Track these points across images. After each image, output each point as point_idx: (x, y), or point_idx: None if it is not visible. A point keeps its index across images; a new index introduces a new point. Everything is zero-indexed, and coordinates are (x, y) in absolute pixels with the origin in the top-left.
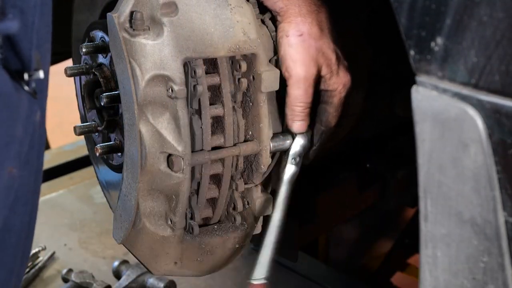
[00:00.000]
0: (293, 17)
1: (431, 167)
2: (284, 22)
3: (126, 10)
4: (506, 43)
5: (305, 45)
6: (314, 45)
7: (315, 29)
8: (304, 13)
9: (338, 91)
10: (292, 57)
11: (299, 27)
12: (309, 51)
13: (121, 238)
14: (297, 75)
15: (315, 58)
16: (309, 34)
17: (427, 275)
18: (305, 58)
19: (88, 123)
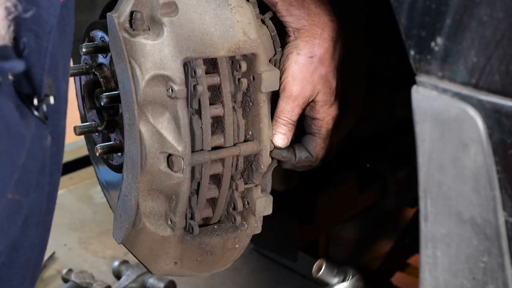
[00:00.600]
0: (311, 38)
1: (431, 167)
2: (301, 40)
3: (126, 10)
4: (506, 43)
5: (311, 67)
6: (320, 70)
7: (328, 55)
8: (325, 37)
9: (325, 122)
10: (294, 74)
11: (314, 49)
12: (312, 74)
13: (121, 238)
14: (290, 91)
15: (315, 82)
16: (320, 59)
17: (427, 275)
18: (304, 80)
19: (88, 123)
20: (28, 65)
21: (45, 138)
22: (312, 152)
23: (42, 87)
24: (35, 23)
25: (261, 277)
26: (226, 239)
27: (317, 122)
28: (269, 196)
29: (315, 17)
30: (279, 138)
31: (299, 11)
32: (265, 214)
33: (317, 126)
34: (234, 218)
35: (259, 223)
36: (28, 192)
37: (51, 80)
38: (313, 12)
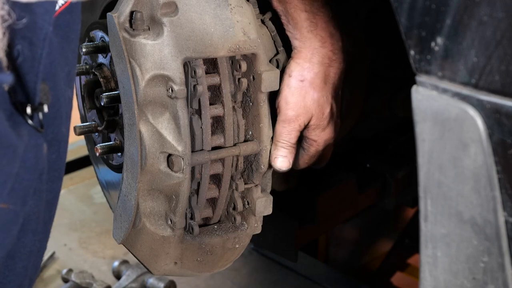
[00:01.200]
0: (302, 61)
1: (431, 167)
2: (294, 61)
3: (126, 10)
4: (506, 43)
5: (302, 92)
6: (312, 95)
7: (318, 80)
8: (314, 62)
9: (316, 143)
10: (287, 98)
11: (304, 72)
12: (304, 98)
13: (121, 238)
14: (285, 115)
15: (308, 107)
16: (310, 83)
17: (427, 275)
18: (297, 104)
19: (88, 123)
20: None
21: (41, 147)
22: (295, 161)
23: (36, 95)
24: (30, 31)
25: (261, 277)
26: (226, 239)
27: (308, 141)
28: (269, 196)
29: (306, 41)
30: (280, 161)
31: (294, 31)
32: (265, 214)
33: (307, 144)
34: (234, 218)
35: (259, 223)
36: (24, 201)
37: (47, 88)
38: (304, 36)
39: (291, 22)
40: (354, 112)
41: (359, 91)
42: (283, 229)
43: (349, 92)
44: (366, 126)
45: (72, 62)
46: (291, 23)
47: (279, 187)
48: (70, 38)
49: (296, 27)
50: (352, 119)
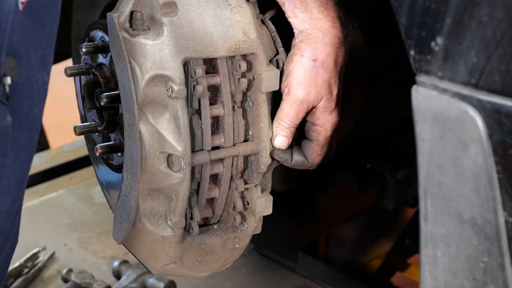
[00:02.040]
0: (313, 41)
1: (431, 167)
2: (304, 42)
3: (126, 10)
4: (506, 43)
5: (314, 71)
6: (323, 75)
7: (329, 60)
8: (326, 42)
9: (324, 129)
10: (298, 77)
11: (316, 52)
12: (316, 78)
13: (121, 238)
14: (295, 95)
15: (319, 87)
16: (322, 63)
17: (427, 275)
18: (309, 84)
19: (88, 123)
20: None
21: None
22: (308, 157)
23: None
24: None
25: (261, 277)
26: (226, 239)
27: (316, 129)
28: (269, 196)
29: (317, 21)
30: (280, 140)
31: (303, 14)
32: (265, 214)
33: (315, 132)
34: (234, 218)
35: (259, 223)
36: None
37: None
38: (315, 16)
39: (299, 6)
40: (354, 111)
41: (359, 91)
42: (283, 229)
43: (349, 91)
44: (366, 126)
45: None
46: (299, 7)
47: (279, 187)
48: (45, 22)
49: (306, 9)
50: (353, 118)
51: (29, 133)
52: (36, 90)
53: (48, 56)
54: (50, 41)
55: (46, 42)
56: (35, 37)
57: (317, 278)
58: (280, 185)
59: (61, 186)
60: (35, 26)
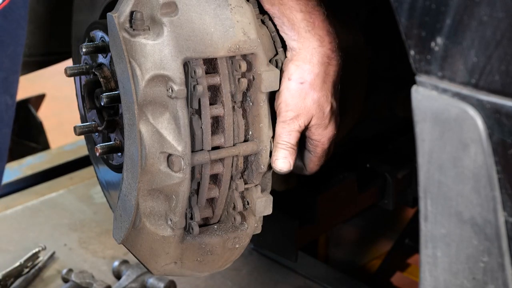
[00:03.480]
0: (302, 62)
1: (431, 167)
2: (292, 63)
3: (126, 10)
4: (506, 43)
5: (302, 93)
6: (312, 96)
7: (319, 81)
8: (314, 63)
9: (321, 143)
10: (287, 101)
11: (304, 74)
12: (304, 100)
13: (121, 238)
14: (284, 117)
15: (309, 108)
16: (311, 84)
17: (427, 275)
18: (297, 105)
19: (88, 123)
20: None
21: None
22: (306, 166)
23: None
24: None
25: (261, 277)
26: (226, 239)
27: (313, 142)
28: (269, 196)
29: (304, 41)
30: (281, 163)
31: (291, 32)
32: (265, 214)
33: (313, 145)
34: (234, 218)
35: (259, 223)
36: None
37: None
38: (302, 36)
39: (286, 23)
40: (354, 112)
41: (359, 91)
42: (283, 229)
43: (349, 91)
44: (366, 126)
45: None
46: (287, 25)
47: (279, 187)
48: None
49: (293, 28)
50: (352, 119)
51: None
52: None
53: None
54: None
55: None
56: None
57: (317, 278)
58: (280, 185)
59: (61, 186)
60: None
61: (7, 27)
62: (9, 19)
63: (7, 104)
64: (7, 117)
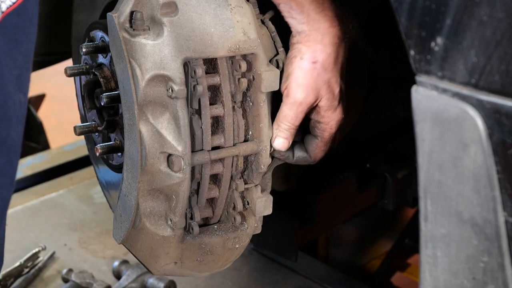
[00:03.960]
0: (313, 43)
1: (431, 167)
2: (303, 44)
3: (126, 10)
4: (506, 43)
5: (314, 73)
6: (323, 76)
7: (330, 60)
8: (326, 43)
9: (329, 126)
10: (297, 80)
11: (316, 54)
12: (316, 80)
13: (121, 238)
14: (294, 98)
15: (319, 88)
16: (323, 65)
17: (427, 275)
18: (309, 86)
19: (88, 123)
20: None
21: None
22: (311, 153)
23: None
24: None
25: (261, 277)
26: (226, 239)
27: (321, 126)
28: (269, 196)
29: (314, 23)
30: (280, 142)
31: (300, 16)
32: (265, 214)
33: (320, 129)
34: (234, 218)
35: (259, 223)
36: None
37: None
38: (312, 18)
39: (294, 7)
40: (354, 112)
41: (359, 91)
42: (283, 229)
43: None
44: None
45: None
46: (295, 9)
47: (279, 187)
48: (19, 40)
49: (302, 11)
50: (353, 118)
51: (7, 158)
52: (14, 113)
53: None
54: (26, 60)
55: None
56: (10, 58)
57: (317, 278)
58: (280, 185)
59: (61, 186)
60: (10, 46)
61: (21, 25)
62: (23, 17)
63: (20, 101)
64: (20, 115)
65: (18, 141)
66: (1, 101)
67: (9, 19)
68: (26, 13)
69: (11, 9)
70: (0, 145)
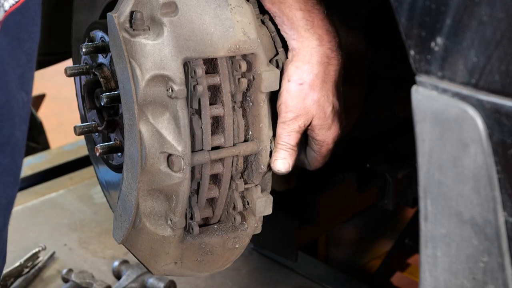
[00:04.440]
0: (301, 63)
1: (431, 167)
2: (292, 64)
3: (126, 10)
4: (506, 43)
5: (302, 94)
6: (312, 96)
7: (318, 81)
8: (313, 63)
9: (326, 143)
10: (286, 102)
11: (303, 75)
12: (304, 100)
13: (121, 238)
14: (284, 118)
15: (308, 108)
16: (310, 85)
17: (427, 275)
18: (296, 107)
19: (88, 123)
20: None
21: None
22: (310, 163)
23: None
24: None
25: (261, 277)
26: (226, 239)
27: (317, 143)
28: (269, 196)
29: (304, 41)
30: (279, 163)
31: (291, 31)
32: (265, 214)
33: (317, 145)
34: (234, 218)
35: (259, 223)
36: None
37: None
38: (302, 35)
39: (286, 22)
40: (354, 112)
41: (359, 91)
42: (283, 229)
43: (349, 91)
44: (366, 126)
45: (26, 65)
46: (287, 24)
47: (279, 187)
48: (22, 39)
49: (292, 27)
50: (353, 118)
51: (11, 157)
52: (17, 112)
53: (27, 74)
54: (29, 59)
55: (25, 60)
56: (13, 56)
57: (317, 278)
58: (280, 185)
59: (61, 186)
60: (13, 45)
61: (24, 24)
62: (26, 15)
63: (23, 100)
64: (24, 114)
65: (22, 140)
66: (4, 100)
67: (12, 18)
68: (29, 12)
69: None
70: (4, 144)
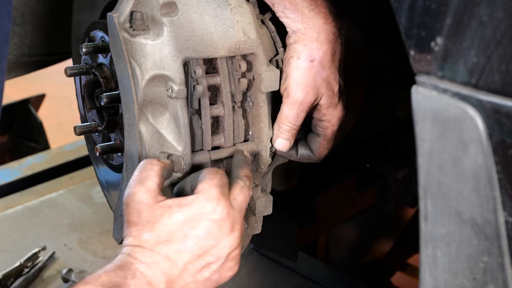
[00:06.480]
0: (309, 41)
1: (431, 167)
2: (299, 43)
3: (126, 10)
4: (506, 43)
5: (312, 72)
6: (321, 74)
7: (327, 58)
8: (322, 40)
9: (331, 123)
10: (296, 80)
11: (312, 52)
12: (314, 78)
13: (121, 238)
14: (294, 98)
15: (318, 86)
16: (320, 62)
17: (427, 275)
18: (308, 85)
19: (88, 123)
20: None
21: None
22: (315, 151)
23: None
24: None
25: (261, 277)
26: None
27: (323, 124)
28: (269, 196)
29: (309, 21)
30: (281, 143)
31: (294, 14)
32: (265, 214)
33: (322, 127)
34: None
35: (259, 223)
36: None
37: None
38: (307, 16)
39: (288, 6)
40: (354, 112)
41: (359, 91)
42: (283, 229)
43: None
44: (366, 126)
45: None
46: (289, 8)
47: (279, 187)
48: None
49: (296, 9)
50: (352, 119)
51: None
52: None
53: None
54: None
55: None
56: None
57: (317, 278)
58: (280, 185)
59: (61, 186)
60: None
61: None
62: None
63: None
64: None
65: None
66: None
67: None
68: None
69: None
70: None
